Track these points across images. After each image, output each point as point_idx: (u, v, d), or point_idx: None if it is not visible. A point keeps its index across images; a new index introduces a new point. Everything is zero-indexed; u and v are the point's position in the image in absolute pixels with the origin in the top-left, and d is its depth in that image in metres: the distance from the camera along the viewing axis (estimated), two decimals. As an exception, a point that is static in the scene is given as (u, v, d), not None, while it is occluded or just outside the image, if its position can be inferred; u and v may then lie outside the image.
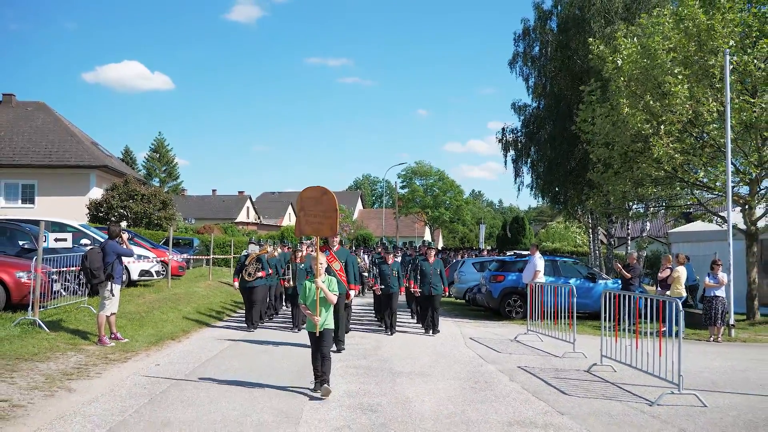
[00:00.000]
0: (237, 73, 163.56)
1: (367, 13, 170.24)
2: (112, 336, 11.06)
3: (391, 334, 14.02)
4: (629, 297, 9.66)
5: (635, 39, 18.86)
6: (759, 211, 18.54)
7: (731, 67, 16.67)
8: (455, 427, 6.65)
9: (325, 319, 7.94)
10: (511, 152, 37.36)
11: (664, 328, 15.37)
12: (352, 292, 12.02)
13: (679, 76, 16.66)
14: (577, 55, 29.98)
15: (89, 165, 36.18)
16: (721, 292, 14.77)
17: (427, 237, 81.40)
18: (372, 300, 18.00)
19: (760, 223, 18.53)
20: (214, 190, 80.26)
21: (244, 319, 14.75)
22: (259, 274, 14.21)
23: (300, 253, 14.36)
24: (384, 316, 14.58)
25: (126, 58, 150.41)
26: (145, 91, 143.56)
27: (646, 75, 17.93)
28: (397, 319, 14.95)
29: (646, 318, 9.30)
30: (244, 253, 15.07)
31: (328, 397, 7.68)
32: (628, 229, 34.38)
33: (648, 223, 32.56)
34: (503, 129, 37.20)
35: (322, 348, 7.92)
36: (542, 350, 12.18)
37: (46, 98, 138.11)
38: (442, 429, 6.55)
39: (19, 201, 36.29)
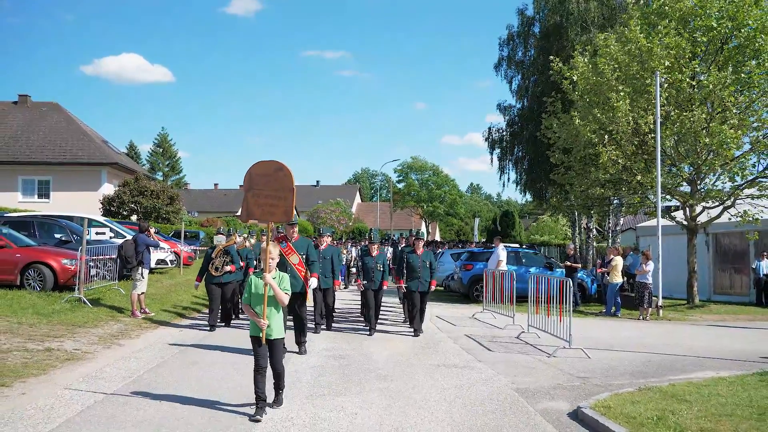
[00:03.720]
0: (235, 65, 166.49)
1: (364, 6, 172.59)
2: (142, 310, 13.77)
3: (371, 334, 12.66)
4: (547, 278, 12.37)
5: (587, 59, 21.50)
6: (698, 208, 21.23)
7: (668, 84, 19.42)
8: (398, 366, 9.42)
9: (275, 326, 6.72)
10: (497, 150, 39.85)
11: (603, 310, 18.24)
12: (313, 280, 10.43)
13: (621, 93, 19.34)
14: (558, 60, 32.50)
15: (101, 162, 38.83)
16: (647, 279, 17.42)
17: (423, 230, 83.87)
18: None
19: (702, 219, 21.20)
20: (216, 184, 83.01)
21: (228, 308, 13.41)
22: (228, 267, 12.84)
23: None
24: (366, 314, 13.30)
25: (125, 51, 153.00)
26: (145, 83, 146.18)
27: (596, 90, 20.65)
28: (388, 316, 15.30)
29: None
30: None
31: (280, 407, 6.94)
32: (608, 222, 37.03)
33: (621, 218, 35.30)
34: (489, 128, 39.72)
35: (273, 363, 6.75)
36: (490, 324, 14.92)
37: (45, 91, 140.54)
38: (388, 367, 9.32)
39: (36, 196, 38.89)
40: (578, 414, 6.82)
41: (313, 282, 10.52)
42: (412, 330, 13.11)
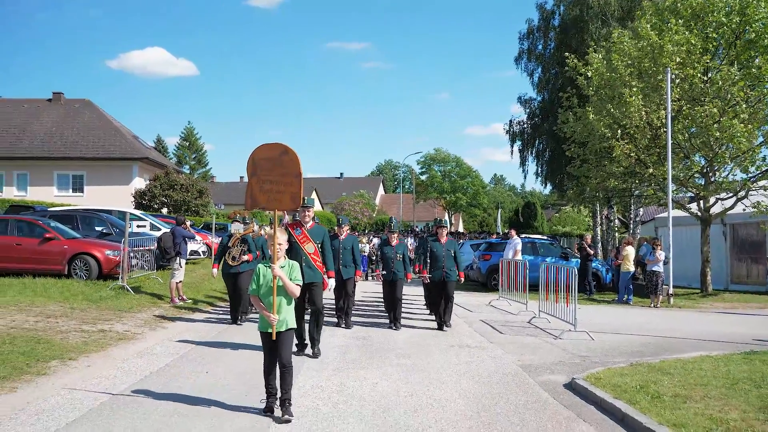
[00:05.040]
0: (259, 58, 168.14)
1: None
2: (180, 297, 14.85)
3: (397, 328, 12.27)
4: (555, 267, 13.26)
5: (601, 55, 22.22)
6: (711, 200, 21.90)
7: (680, 79, 20.09)
8: (415, 347, 10.39)
9: (285, 318, 6.36)
10: (518, 142, 40.61)
11: (615, 298, 18.99)
12: (330, 281, 9.66)
13: (634, 89, 20.05)
14: (577, 53, 33.04)
15: (132, 157, 40.26)
16: (659, 268, 18.19)
17: (446, 220, 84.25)
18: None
19: (717, 210, 21.87)
20: (241, 177, 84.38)
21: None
22: (245, 257, 12.38)
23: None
24: (388, 307, 12.86)
25: (149, 45, 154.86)
26: (170, 77, 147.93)
27: (610, 85, 21.38)
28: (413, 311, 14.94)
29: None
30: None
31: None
32: (630, 213, 37.64)
33: (641, 209, 35.86)
34: (511, 121, 40.54)
35: (281, 356, 6.33)
36: (505, 310, 15.82)
37: (70, 86, 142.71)
38: (406, 347, 10.30)
39: (70, 190, 40.38)
40: (572, 384, 7.74)
41: (331, 282, 9.78)
42: (435, 322, 12.75)
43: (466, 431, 6.00)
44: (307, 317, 9.69)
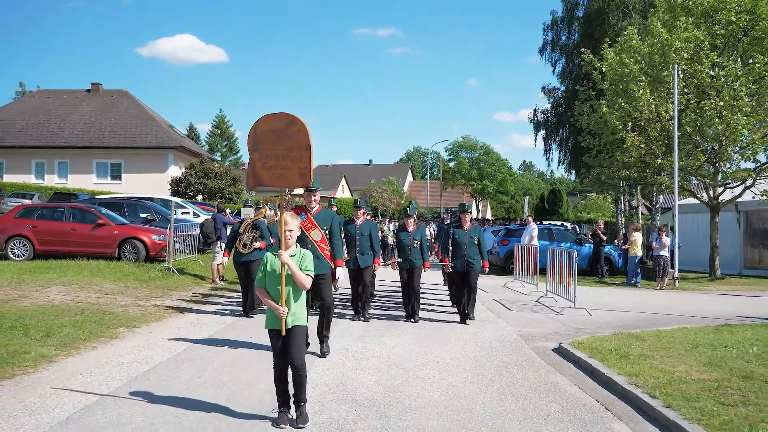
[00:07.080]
0: (287, 45, 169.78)
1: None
2: (220, 278, 16.38)
3: (415, 321, 11.54)
4: (560, 252, 14.55)
5: (614, 52, 23.31)
6: (720, 188, 22.95)
7: (689, 75, 21.14)
8: (430, 321, 11.78)
9: (295, 312, 5.71)
10: (542, 131, 41.70)
11: (624, 280, 20.16)
12: (339, 270, 8.85)
13: (642, 83, 21.14)
14: (600, 45, 33.81)
15: (168, 146, 42.03)
16: (665, 252, 19.35)
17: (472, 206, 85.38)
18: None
19: (727, 197, 22.90)
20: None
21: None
22: (257, 244, 11.65)
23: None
24: (405, 297, 12.02)
25: (179, 32, 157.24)
26: (200, 63, 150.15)
27: (624, 79, 22.48)
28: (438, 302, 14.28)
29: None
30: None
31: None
32: (652, 201, 38.53)
33: (661, 197, 36.77)
34: (535, 110, 41.69)
35: (291, 355, 5.69)
36: (518, 291, 17.16)
37: (103, 74, 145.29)
38: (422, 321, 11.67)
39: (108, 178, 42.30)
40: (559, 348, 9.10)
41: (339, 272, 8.89)
42: (458, 314, 11.94)
43: (462, 380, 7.40)
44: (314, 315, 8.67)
